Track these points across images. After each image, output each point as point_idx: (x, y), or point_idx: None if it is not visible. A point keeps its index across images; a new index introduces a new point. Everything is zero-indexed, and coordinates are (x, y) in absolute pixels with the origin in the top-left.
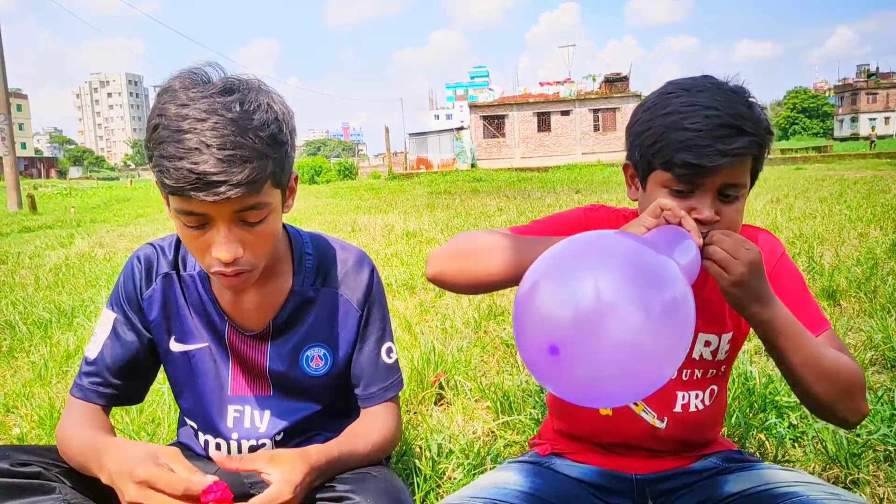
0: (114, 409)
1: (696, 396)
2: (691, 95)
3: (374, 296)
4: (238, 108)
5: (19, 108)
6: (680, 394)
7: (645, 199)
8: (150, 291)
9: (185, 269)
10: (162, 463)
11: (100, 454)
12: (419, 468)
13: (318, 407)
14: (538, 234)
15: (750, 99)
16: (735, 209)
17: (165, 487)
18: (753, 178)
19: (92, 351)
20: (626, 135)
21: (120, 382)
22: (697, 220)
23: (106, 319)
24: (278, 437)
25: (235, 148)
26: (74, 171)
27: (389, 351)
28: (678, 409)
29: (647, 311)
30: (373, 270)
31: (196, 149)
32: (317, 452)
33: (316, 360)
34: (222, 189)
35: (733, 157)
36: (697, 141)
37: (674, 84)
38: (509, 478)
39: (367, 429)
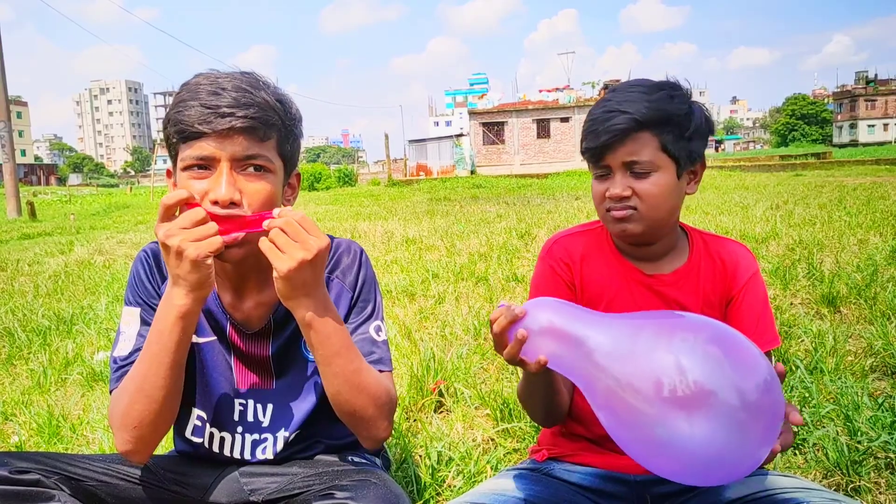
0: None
1: None
2: (609, 94)
3: (364, 276)
4: (255, 80)
5: (19, 115)
6: None
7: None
8: (165, 285)
9: None
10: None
11: (158, 313)
12: (419, 476)
13: (317, 400)
14: None
15: (667, 89)
16: (650, 182)
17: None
18: (673, 156)
19: (124, 349)
20: None
21: None
22: (611, 198)
23: (130, 317)
24: (285, 436)
25: (247, 94)
26: (74, 178)
27: (378, 329)
28: None
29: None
30: (362, 252)
31: (213, 92)
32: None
33: None
34: (228, 119)
35: (611, 134)
36: (591, 127)
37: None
38: (508, 485)
39: (371, 369)
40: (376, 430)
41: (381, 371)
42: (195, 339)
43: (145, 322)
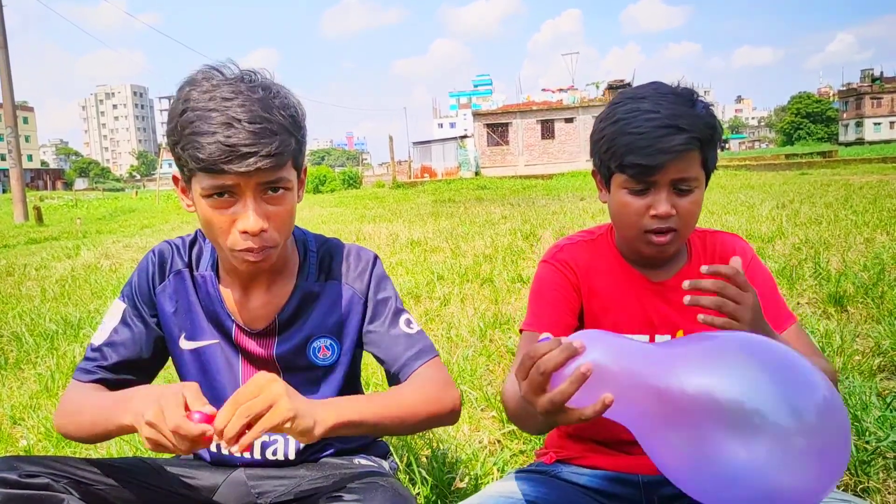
0: None
1: None
2: (634, 102)
3: (377, 280)
4: (261, 91)
5: (26, 120)
6: None
7: (612, 200)
8: (162, 287)
9: (197, 269)
10: (178, 399)
11: (128, 400)
12: (426, 478)
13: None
14: (543, 319)
15: (695, 99)
16: (691, 201)
17: (161, 426)
18: (707, 170)
19: (98, 338)
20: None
21: (123, 377)
22: (655, 216)
23: (116, 310)
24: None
25: (264, 122)
26: (80, 183)
27: (409, 322)
28: None
29: None
30: (375, 258)
31: (227, 123)
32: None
33: (323, 350)
34: (252, 160)
35: (673, 154)
36: (640, 143)
37: (622, 94)
38: (515, 487)
39: (403, 388)
40: (449, 413)
41: (425, 362)
42: (197, 343)
43: (124, 321)
